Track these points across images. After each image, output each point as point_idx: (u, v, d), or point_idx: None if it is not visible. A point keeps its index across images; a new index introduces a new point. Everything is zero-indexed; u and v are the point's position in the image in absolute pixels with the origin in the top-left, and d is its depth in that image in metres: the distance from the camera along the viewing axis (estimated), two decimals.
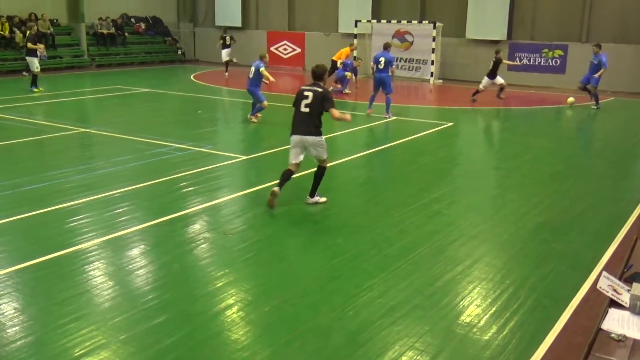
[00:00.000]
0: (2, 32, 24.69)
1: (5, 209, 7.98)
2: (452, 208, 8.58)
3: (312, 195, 8.59)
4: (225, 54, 25.53)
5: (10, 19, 25.29)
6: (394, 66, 15.47)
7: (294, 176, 8.46)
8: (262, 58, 14.41)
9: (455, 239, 7.28)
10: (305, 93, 8.14)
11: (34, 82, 19.16)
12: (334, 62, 20.98)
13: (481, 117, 14.89)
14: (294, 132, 8.25)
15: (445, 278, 6.14)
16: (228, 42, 25.72)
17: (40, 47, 19.80)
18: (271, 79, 14.16)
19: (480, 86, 18.08)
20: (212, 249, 6.88)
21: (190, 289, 5.84)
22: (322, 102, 8.01)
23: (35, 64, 19.13)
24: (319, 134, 8.16)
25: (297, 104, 8.23)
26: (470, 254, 6.81)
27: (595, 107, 17.35)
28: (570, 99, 17.56)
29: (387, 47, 15.71)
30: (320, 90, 8.12)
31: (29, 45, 19.12)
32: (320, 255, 6.70)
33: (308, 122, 8.11)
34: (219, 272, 6.26)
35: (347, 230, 7.56)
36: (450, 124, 14.53)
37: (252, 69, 14.09)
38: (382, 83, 15.04)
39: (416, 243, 7.08)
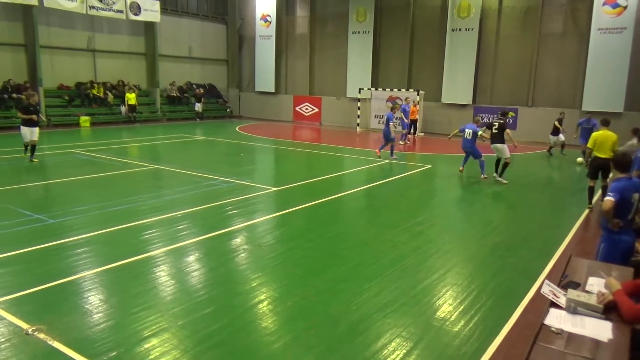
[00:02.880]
0: (98, 94, 25.18)
1: (95, 224, 8.04)
2: (431, 229, 8.51)
3: (500, 175, 12.23)
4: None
5: (104, 84, 25.82)
6: (479, 132, 12.87)
7: (312, 204, 8.42)
8: (392, 109, 16.03)
9: (433, 253, 7.22)
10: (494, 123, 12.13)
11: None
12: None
13: (452, 161, 14.83)
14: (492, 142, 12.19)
15: (425, 282, 6.07)
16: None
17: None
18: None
19: (551, 142, 17.67)
20: (249, 257, 6.87)
21: (231, 287, 5.82)
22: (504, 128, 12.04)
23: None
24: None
25: (490, 128, 12.24)
26: (444, 265, 6.74)
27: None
28: (580, 159, 15.61)
29: (476, 122, 13.25)
30: (502, 122, 12.18)
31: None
32: (330, 264, 6.66)
33: (498, 137, 11.99)
34: (253, 275, 6.24)
35: (351, 245, 7.52)
36: (430, 166, 14.50)
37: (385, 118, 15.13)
38: (470, 152, 12.87)
39: (404, 255, 7.02)
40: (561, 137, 17.54)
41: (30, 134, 13.37)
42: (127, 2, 24.52)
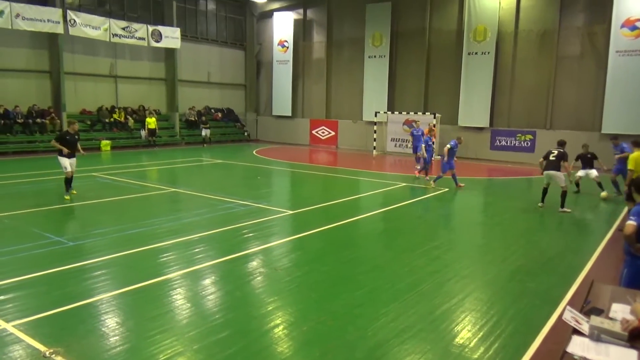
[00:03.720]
0: (119, 119, 25.71)
1: (114, 247, 8.12)
2: (449, 253, 8.40)
3: (562, 206, 11.54)
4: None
5: (125, 108, 26.37)
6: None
7: (328, 227, 8.39)
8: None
9: (451, 278, 7.10)
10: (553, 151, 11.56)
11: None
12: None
13: (470, 185, 14.72)
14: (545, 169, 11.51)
15: (443, 308, 5.97)
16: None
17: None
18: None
19: (576, 177, 14.38)
20: (264, 280, 6.84)
21: (247, 311, 5.79)
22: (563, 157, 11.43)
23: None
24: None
25: (547, 156, 11.62)
26: (462, 290, 6.62)
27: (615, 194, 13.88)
28: (604, 194, 13.48)
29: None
30: (562, 151, 11.56)
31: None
32: (346, 288, 6.60)
33: (553, 165, 11.34)
34: (269, 298, 6.20)
35: (367, 269, 7.45)
36: (447, 189, 14.40)
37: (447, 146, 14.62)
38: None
39: (421, 280, 6.93)
40: (593, 172, 14.19)
41: (71, 165, 12.12)
42: (148, 29, 25.19)
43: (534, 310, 5.97)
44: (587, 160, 14.34)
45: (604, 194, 13.56)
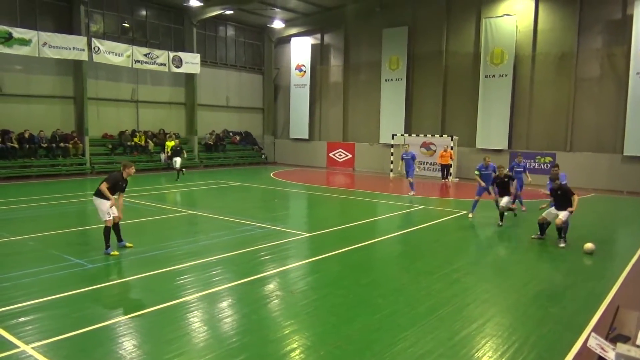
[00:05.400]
0: (140, 142, 26.16)
1: (131, 270, 8.18)
2: (468, 277, 8.26)
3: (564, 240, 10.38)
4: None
5: (145, 132, 26.85)
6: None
7: (345, 250, 8.33)
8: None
9: (471, 302, 6.97)
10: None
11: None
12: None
13: (488, 207, 14.51)
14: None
15: (463, 333, 5.84)
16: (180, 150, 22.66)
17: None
18: None
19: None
20: (281, 303, 6.80)
21: (264, 335, 5.74)
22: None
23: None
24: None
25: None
26: (483, 314, 6.49)
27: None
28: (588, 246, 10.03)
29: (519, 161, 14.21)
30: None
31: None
32: (363, 312, 6.51)
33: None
34: (286, 322, 6.15)
35: (385, 293, 7.36)
36: (465, 212, 14.22)
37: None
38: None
39: (439, 304, 6.81)
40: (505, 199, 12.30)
41: (114, 208, 9.39)
42: (169, 55, 25.80)
43: (557, 337, 5.81)
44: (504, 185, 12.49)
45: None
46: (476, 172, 13.90)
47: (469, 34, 24.50)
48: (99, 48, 22.88)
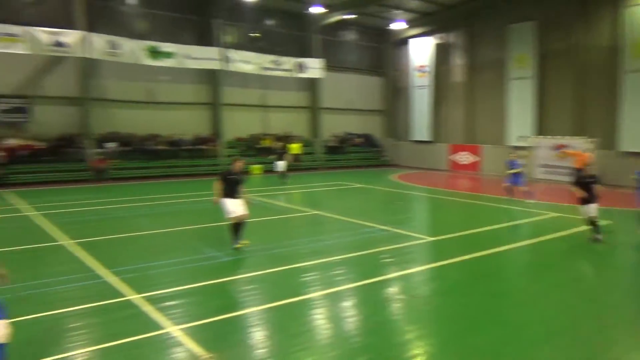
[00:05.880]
0: (268, 145, 27.66)
1: (259, 265, 8.67)
2: (610, 295, 7.39)
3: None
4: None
5: (273, 135, 28.38)
6: None
7: (469, 257, 8.00)
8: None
9: (615, 324, 6.26)
10: None
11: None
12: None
13: (629, 218, 12.82)
14: None
15: (606, 357, 5.28)
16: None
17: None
18: None
19: None
20: (403, 307, 6.75)
21: (386, 337, 5.75)
22: None
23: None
24: None
25: None
26: (628, 338, 5.82)
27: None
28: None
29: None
30: None
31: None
32: (489, 322, 6.20)
33: None
34: (408, 326, 6.10)
35: (513, 304, 6.94)
36: (611, 222, 12.72)
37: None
38: None
39: (575, 322, 6.23)
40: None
41: (237, 206, 9.66)
42: (294, 61, 27.02)
43: None
44: None
45: None
46: (635, 177, 12.28)
47: (606, 26, 22.06)
48: (231, 58, 24.75)
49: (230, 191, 9.67)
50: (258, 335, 5.74)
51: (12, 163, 20.39)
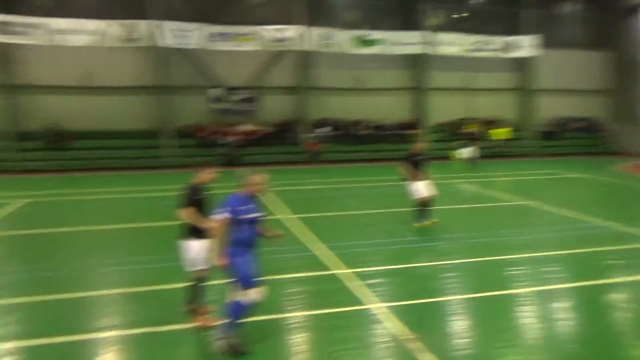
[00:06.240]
0: (471, 130, 26.57)
1: (462, 253, 8.38)
2: None
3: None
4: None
5: (478, 119, 27.13)
6: None
7: None
8: None
9: None
10: None
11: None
12: None
13: None
14: None
15: None
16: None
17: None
18: None
19: None
20: (632, 318, 5.84)
21: (608, 349, 5.05)
22: None
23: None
24: None
25: None
26: None
27: None
28: None
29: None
30: None
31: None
32: None
33: None
34: (638, 341, 5.26)
35: None
36: None
37: None
38: None
39: None
40: None
41: (426, 188, 10.10)
42: (502, 40, 25.34)
43: None
44: None
45: None
46: None
47: None
48: (435, 41, 24.34)
49: (416, 172, 10.02)
50: (460, 324, 5.64)
51: (245, 146, 23.70)
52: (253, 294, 4.72)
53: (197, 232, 5.28)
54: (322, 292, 6.61)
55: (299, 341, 5.22)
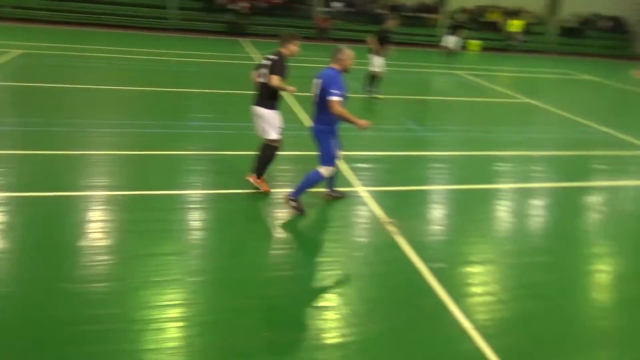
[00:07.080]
0: (493, 19, 25.16)
1: (454, 145, 8.45)
2: None
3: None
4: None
5: (502, 9, 25.53)
6: None
7: None
8: None
9: None
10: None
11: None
12: None
13: None
14: None
15: None
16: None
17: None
18: None
19: None
20: (601, 220, 6.03)
21: (572, 246, 5.30)
22: None
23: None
24: None
25: None
26: None
27: None
28: None
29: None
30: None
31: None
32: None
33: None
34: (601, 240, 5.50)
35: None
36: None
37: None
38: None
39: None
40: None
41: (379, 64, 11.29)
42: None
43: None
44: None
45: None
46: None
47: None
48: None
49: (379, 47, 11.01)
50: (438, 213, 5.87)
51: (252, 15, 22.60)
52: (329, 171, 5.28)
53: (277, 102, 5.55)
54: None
55: (280, 216, 5.47)
